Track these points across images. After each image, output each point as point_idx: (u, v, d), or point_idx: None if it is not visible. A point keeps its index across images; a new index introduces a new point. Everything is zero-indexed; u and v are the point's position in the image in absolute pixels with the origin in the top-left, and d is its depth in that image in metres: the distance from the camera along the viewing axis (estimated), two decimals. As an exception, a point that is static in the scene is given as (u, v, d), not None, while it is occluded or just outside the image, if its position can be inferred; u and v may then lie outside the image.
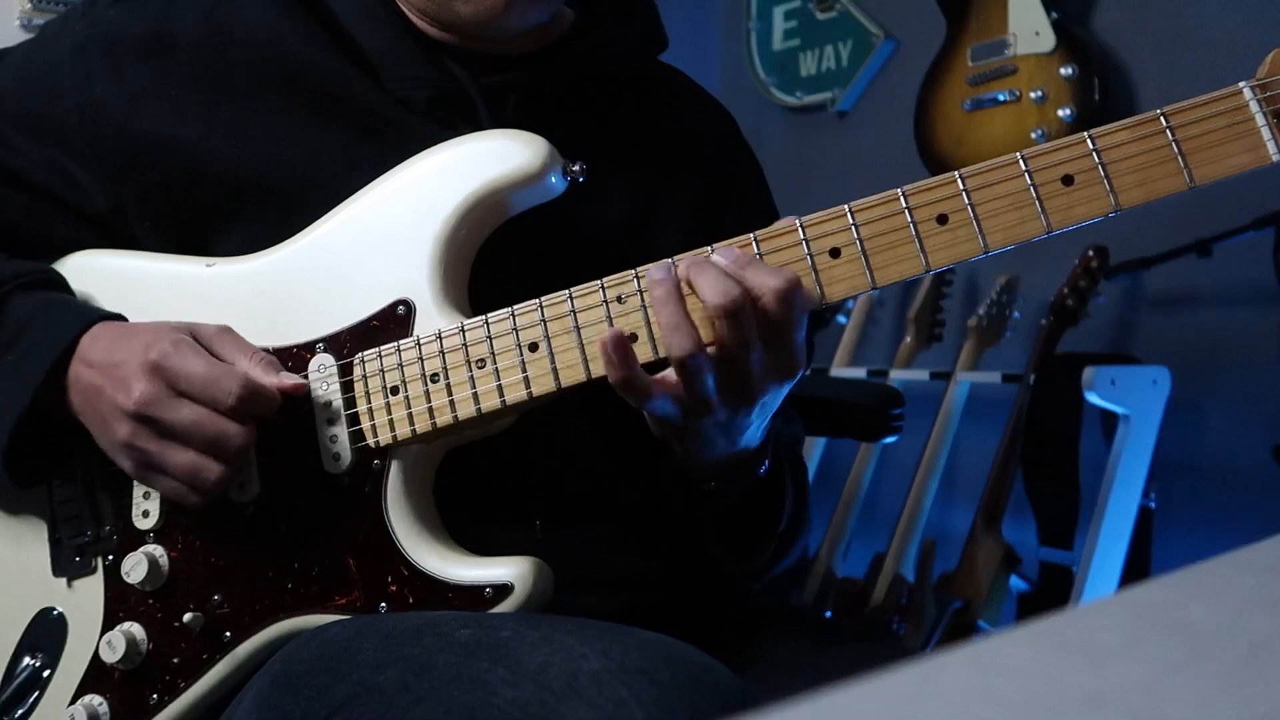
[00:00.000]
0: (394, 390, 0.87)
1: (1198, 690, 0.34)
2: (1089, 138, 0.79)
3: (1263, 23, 2.17)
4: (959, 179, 0.80)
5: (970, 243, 0.80)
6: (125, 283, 0.95)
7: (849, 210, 0.81)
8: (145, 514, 0.91)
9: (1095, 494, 2.13)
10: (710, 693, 0.68)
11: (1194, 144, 0.78)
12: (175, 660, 0.88)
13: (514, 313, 0.85)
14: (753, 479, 0.94)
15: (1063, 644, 0.38)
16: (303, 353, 0.89)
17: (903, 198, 0.81)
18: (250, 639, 0.87)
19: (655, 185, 1.03)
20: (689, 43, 3.31)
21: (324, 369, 0.88)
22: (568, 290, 0.84)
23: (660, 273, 0.81)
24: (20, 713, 0.91)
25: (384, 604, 0.85)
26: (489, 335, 0.85)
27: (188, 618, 0.87)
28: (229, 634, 0.88)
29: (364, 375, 0.88)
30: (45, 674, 0.92)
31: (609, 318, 0.83)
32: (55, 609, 0.93)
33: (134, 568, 0.89)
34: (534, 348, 0.84)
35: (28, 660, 0.92)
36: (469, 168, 0.88)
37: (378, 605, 0.85)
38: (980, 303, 2.52)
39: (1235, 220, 2.06)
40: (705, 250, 0.83)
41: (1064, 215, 0.79)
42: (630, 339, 0.81)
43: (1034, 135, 2.39)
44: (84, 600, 0.92)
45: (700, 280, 0.79)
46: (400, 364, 0.87)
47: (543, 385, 0.84)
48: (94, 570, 0.92)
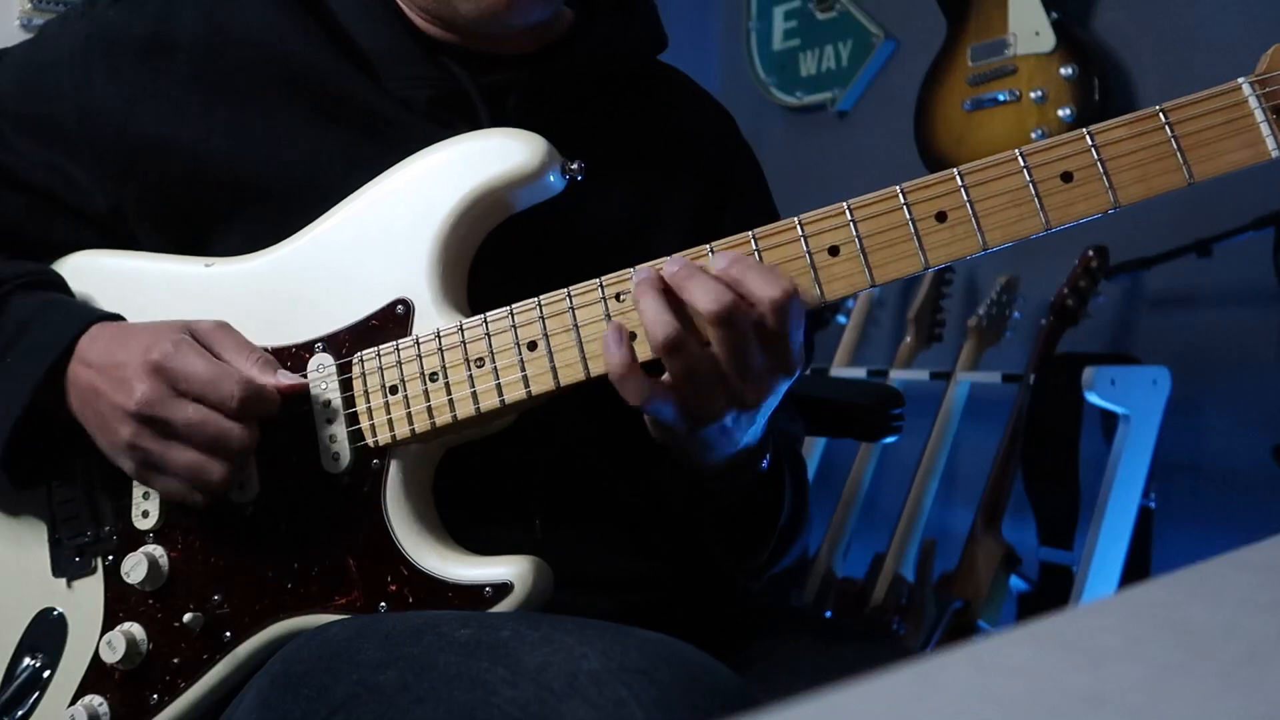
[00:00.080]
0: (393, 390, 0.87)
1: (1197, 690, 0.34)
2: (1088, 134, 0.79)
3: (1263, 22, 2.17)
4: (958, 176, 0.80)
5: (969, 240, 0.80)
6: (124, 283, 0.95)
7: (848, 208, 0.81)
8: (145, 514, 0.91)
9: (1095, 494, 2.13)
10: (710, 693, 0.68)
11: (1193, 140, 0.77)
12: (175, 660, 0.88)
13: (513, 312, 0.85)
14: (753, 477, 0.93)
15: (1063, 644, 0.38)
16: (301, 352, 0.89)
17: (901, 195, 0.80)
18: (250, 639, 0.87)
19: (655, 185, 1.03)
20: (689, 43, 3.31)
21: (323, 369, 0.88)
22: (566, 289, 0.84)
23: (639, 275, 0.81)
24: (20, 713, 0.91)
25: (384, 604, 0.85)
26: (488, 334, 0.85)
27: (188, 618, 0.87)
28: (229, 634, 0.88)
29: (363, 375, 0.88)
30: (45, 674, 0.92)
31: (608, 316, 0.83)
32: (55, 609, 0.93)
33: (134, 568, 0.89)
34: (533, 347, 0.84)
35: (28, 661, 0.92)
36: (468, 166, 0.88)
37: (377, 605, 0.85)
38: (980, 303, 2.52)
39: (1235, 220, 2.06)
40: (696, 250, 0.82)
41: (1063, 212, 0.79)
42: (630, 337, 0.81)
43: (1034, 135, 2.39)
44: (84, 600, 0.92)
45: (692, 287, 0.79)
46: (399, 363, 0.87)
47: (541, 384, 0.84)
48: (94, 570, 0.92)
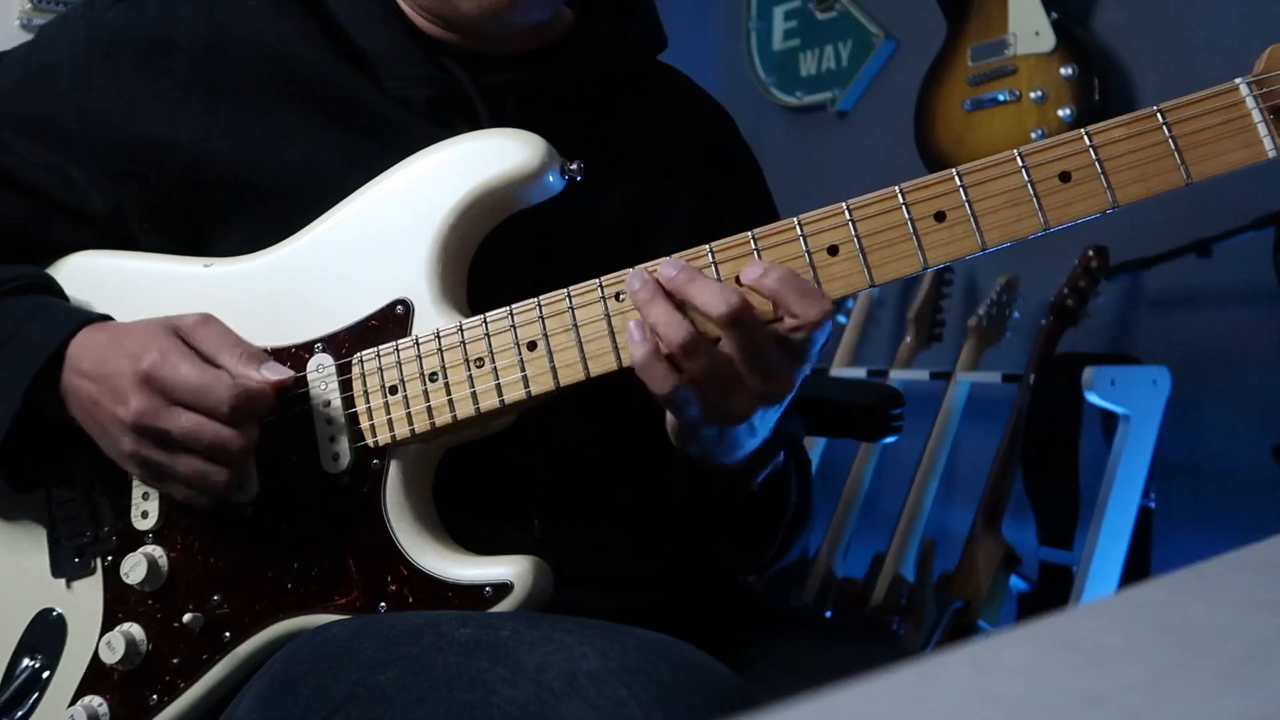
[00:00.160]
0: (393, 390, 0.87)
1: (1197, 690, 0.34)
2: (1086, 135, 0.79)
3: (1262, 22, 2.17)
4: (956, 176, 0.80)
5: (968, 240, 0.80)
6: (124, 283, 0.95)
7: (847, 208, 0.81)
8: (144, 514, 0.91)
9: (1095, 494, 2.13)
10: (710, 693, 0.68)
11: (1190, 140, 0.77)
12: (175, 661, 0.88)
13: (512, 312, 0.85)
14: (770, 471, 0.93)
15: (1063, 644, 0.38)
16: (301, 353, 0.89)
17: (900, 195, 0.80)
18: (250, 639, 0.87)
19: (654, 185, 1.02)
20: (689, 43, 3.31)
21: (322, 369, 0.88)
22: (566, 289, 0.84)
23: (636, 281, 0.81)
24: (20, 714, 0.91)
25: (384, 603, 0.85)
26: (487, 334, 0.85)
27: (187, 618, 0.87)
28: (229, 634, 0.88)
29: (363, 375, 0.88)
30: (45, 675, 0.92)
31: (607, 316, 0.83)
32: (55, 610, 0.93)
33: (133, 568, 0.89)
34: (532, 347, 0.84)
35: (27, 661, 0.92)
36: (467, 166, 0.88)
37: (377, 605, 0.85)
38: (980, 303, 2.52)
39: (1235, 220, 2.06)
40: (695, 251, 0.82)
41: (1061, 212, 0.79)
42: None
43: (1034, 135, 2.39)
44: (83, 601, 0.92)
45: (696, 290, 0.79)
46: (399, 364, 0.87)
47: (541, 384, 0.84)
48: (93, 571, 0.92)
